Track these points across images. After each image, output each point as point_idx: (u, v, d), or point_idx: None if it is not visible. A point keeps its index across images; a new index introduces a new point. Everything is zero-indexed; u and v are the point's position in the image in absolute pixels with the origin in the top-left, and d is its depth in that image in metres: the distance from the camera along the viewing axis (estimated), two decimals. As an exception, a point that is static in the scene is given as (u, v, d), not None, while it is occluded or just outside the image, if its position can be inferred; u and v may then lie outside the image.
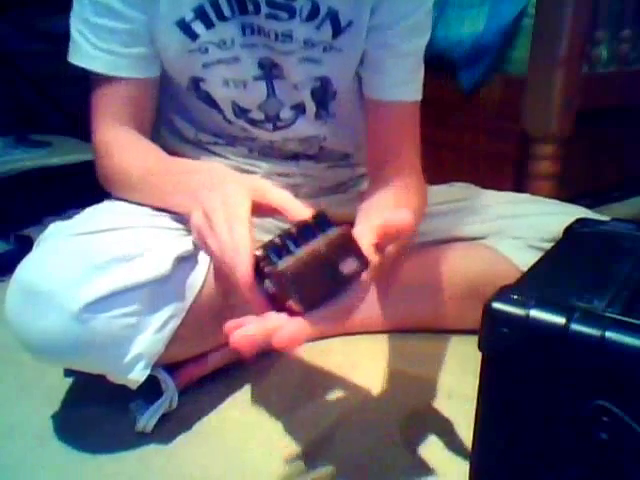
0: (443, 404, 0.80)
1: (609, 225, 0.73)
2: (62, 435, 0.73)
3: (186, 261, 0.73)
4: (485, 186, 1.06)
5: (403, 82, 0.88)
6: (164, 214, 0.79)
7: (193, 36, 0.81)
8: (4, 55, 1.71)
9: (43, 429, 0.74)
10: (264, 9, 0.80)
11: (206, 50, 0.82)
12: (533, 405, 0.53)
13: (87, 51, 0.80)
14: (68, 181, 1.37)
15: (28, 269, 0.67)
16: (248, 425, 0.66)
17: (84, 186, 0.77)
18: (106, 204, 0.82)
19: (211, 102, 0.88)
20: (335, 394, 0.82)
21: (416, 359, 0.89)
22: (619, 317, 0.50)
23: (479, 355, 0.55)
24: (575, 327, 0.49)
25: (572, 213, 0.85)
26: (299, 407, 0.79)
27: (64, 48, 0.83)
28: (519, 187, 1.25)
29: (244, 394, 0.82)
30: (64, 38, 0.82)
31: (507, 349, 0.52)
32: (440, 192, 1.04)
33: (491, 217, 0.97)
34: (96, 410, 0.77)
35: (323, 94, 0.90)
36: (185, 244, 0.73)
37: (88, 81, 0.84)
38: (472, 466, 0.58)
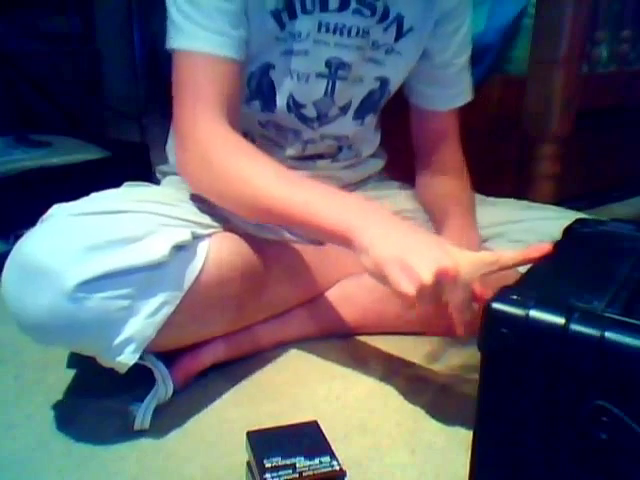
0: (443, 404, 0.80)
1: (609, 225, 0.73)
2: (62, 435, 0.73)
3: (184, 250, 0.74)
4: (485, 186, 1.06)
5: (459, 92, 1.01)
6: (169, 204, 0.79)
7: (282, 25, 0.84)
8: (4, 55, 1.71)
9: (43, 429, 0.74)
10: (353, 4, 0.85)
11: (285, 40, 0.85)
12: (533, 405, 0.53)
13: (194, 32, 0.78)
14: (68, 181, 1.37)
15: (26, 246, 0.68)
16: (248, 424, 0.66)
17: (84, 186, 0.77)
18: (113, 190, 0.82)
19: (268, 94, 0.90)
20: (335, 394, 0.82)
21: (416, 359, 0.89)
22: (618, 317, 0.50)
23: (479, 355, 0.55)
24: (575, 327, 0.49)
25: (571, 218, 0.85)
26: (299, 406, 0.79)
27: (64, 48, 0.83)
28: (519, 187, 1.25)
29: (243, 393, 0.82)
30: (64, 38, 0.82)
31: (507, 349, 0.52)
32: None
33: (491, 223, 0.97)
34: (97, 410, 0.77)
35: (380, 95, 0.97)
36: (184, 234, 0.74)
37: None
38: (472, 466, 0.58)
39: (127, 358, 0.69)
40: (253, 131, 0.94)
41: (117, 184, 0.87)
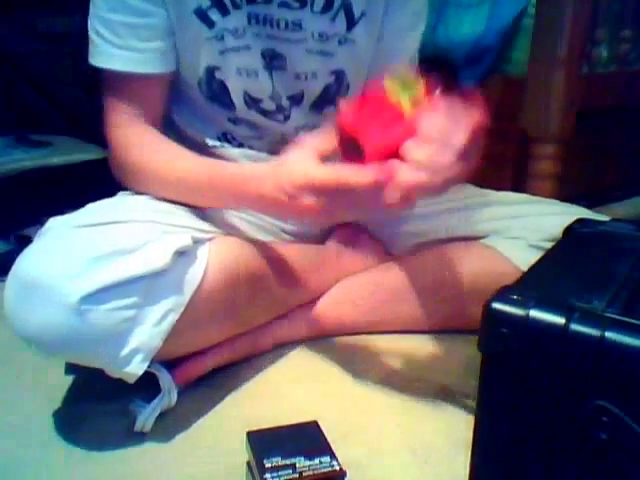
0: (443, 404, 0.80)
1: (609, 225, 0.73)
2: (63, 435, 0.73)
3: (185, 256, 0.74)
4: (485, 186, 1.06)
5: None
6: (167, 212, 0.79)
7: (210, 24, 0.82)
8: (4, 55, 1.71)
9: (44, 429, 0.74)
10: None
11: (222, 38, 0.84)
12: (533, 405, 0.53)
13: (105, 50, 0.81)
14: (68, 181, 1.37)
15: (26, 262, 0.67)
16: (248, 424, 0.66)
17: (84, 186, 0.77)
18: (108, 200, 0.82)
19: (222, 95, 0.89)
20: (335, 394, 0.82)
21: (416, 359, 0.90)
22: (619, 317, 0.50)
23: (479, 355, 0.55)
24: (575, 327, 0.49)
25: (572, 213, 0.85)
26: (299, 406, 0.79)
27: (64, 48, 0.84)
28: (519, 187, 1.25)
29: (243, 393, 0.82)
30: (64, 38, 0.83)
31: (507, 349, 0.52)
32: None
33: (491, 217, 0.97)
34: (97, 410, 0.77)
35: (337, 88, 0.92)
36: (185, 239, 0.73)
37: (97, 81, 0.85)
38: (472, 466, 0.58)
39: (135, 368, 0.68)
40: (231, 130, 0.93)
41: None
